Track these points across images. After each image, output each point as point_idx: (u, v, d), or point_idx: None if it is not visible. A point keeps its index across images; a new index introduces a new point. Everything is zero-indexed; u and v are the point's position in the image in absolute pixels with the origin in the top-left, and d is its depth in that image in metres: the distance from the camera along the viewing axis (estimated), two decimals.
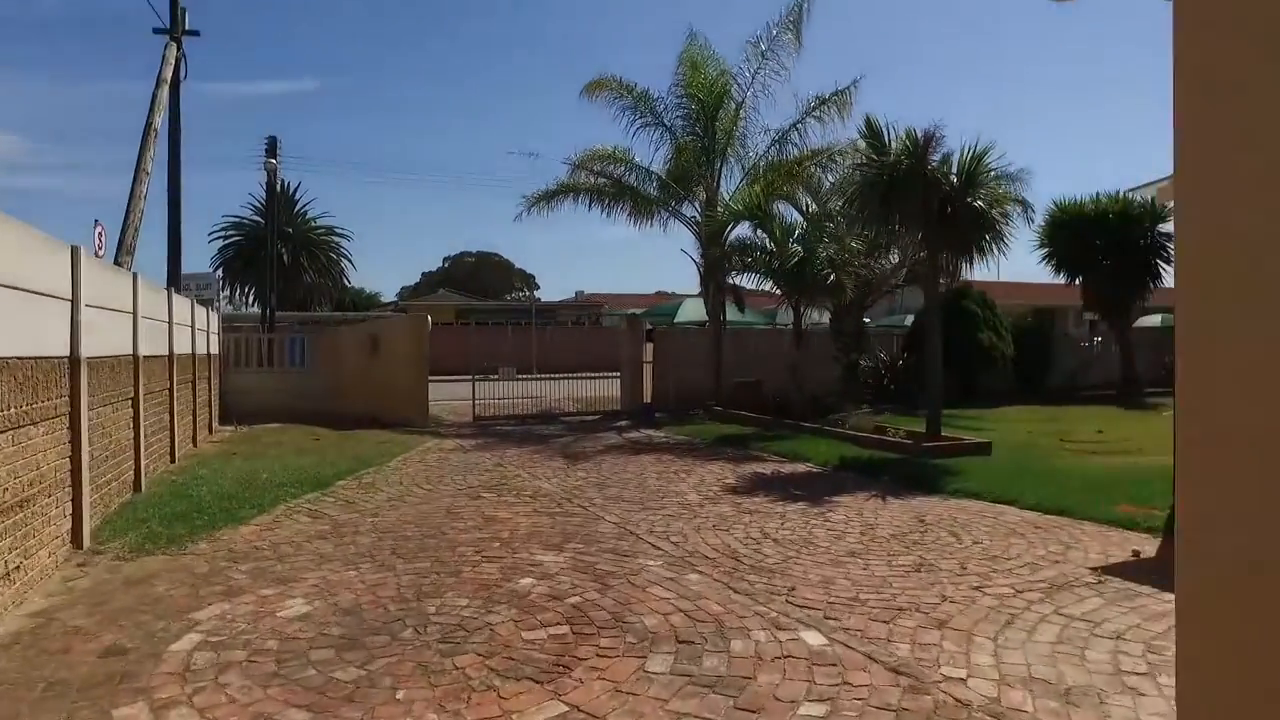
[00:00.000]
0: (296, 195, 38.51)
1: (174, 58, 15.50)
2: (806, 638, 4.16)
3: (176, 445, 10.05)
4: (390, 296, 57.54)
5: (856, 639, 4.16)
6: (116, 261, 12.58)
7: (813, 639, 4.14)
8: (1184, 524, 0.93)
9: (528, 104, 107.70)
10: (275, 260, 22.43)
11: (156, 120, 14.56)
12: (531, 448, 11.76)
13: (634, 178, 17.53)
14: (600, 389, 17.39)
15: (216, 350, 14.97)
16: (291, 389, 16.56)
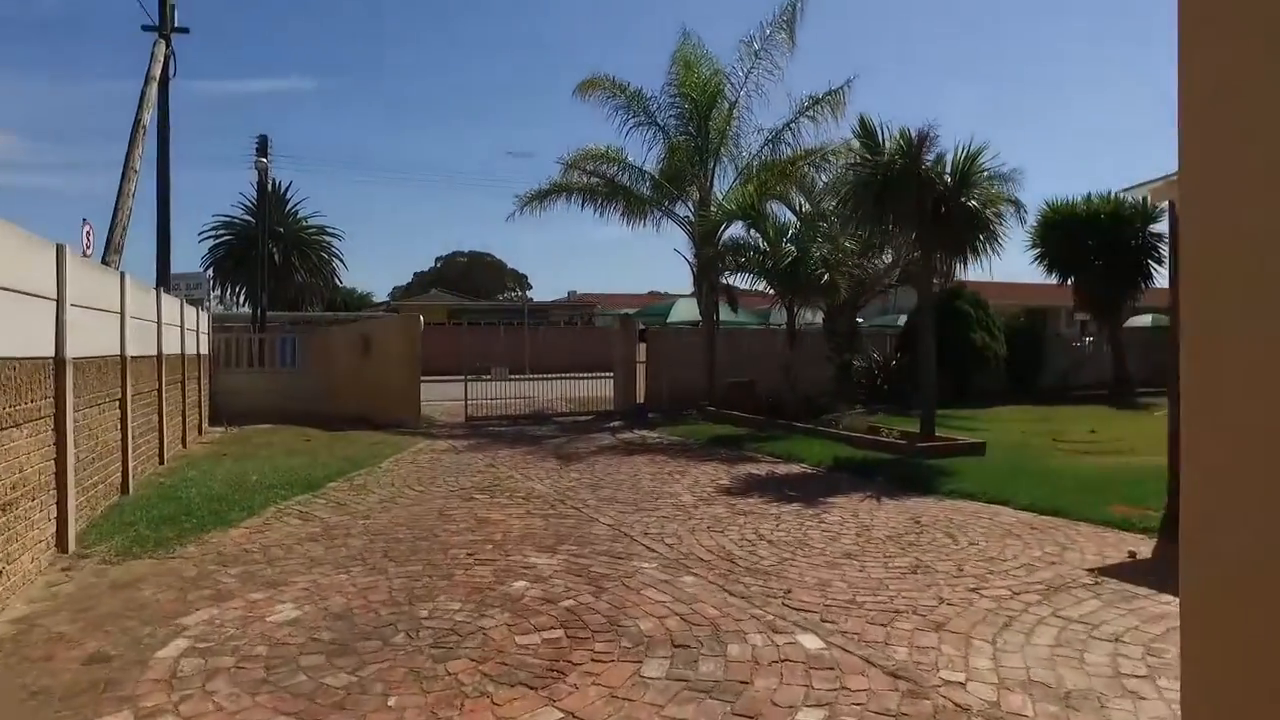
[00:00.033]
0: (288, 194, 38.21)
1: (163, 55, 15.39)
2: (803, 641, 4.12)
3: (165, 447, 9.94)
4: (382, 296, 57.39)
5: (854, 642, 4.12)
6: (104, 261, 12.46)
7: (810, 642, 4.10)
8: (1187, 523, 0.92)
9: (520, 103, 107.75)
10: (266, 260, 22.22)
11: (145, 118, 14.44)
12: (524, 449, 11.69)
13: (627, 177, 17.47)
14: (593, 389, 17.33)
15: (206, 350, 14.85)
16: (282, 389, 16.45)
